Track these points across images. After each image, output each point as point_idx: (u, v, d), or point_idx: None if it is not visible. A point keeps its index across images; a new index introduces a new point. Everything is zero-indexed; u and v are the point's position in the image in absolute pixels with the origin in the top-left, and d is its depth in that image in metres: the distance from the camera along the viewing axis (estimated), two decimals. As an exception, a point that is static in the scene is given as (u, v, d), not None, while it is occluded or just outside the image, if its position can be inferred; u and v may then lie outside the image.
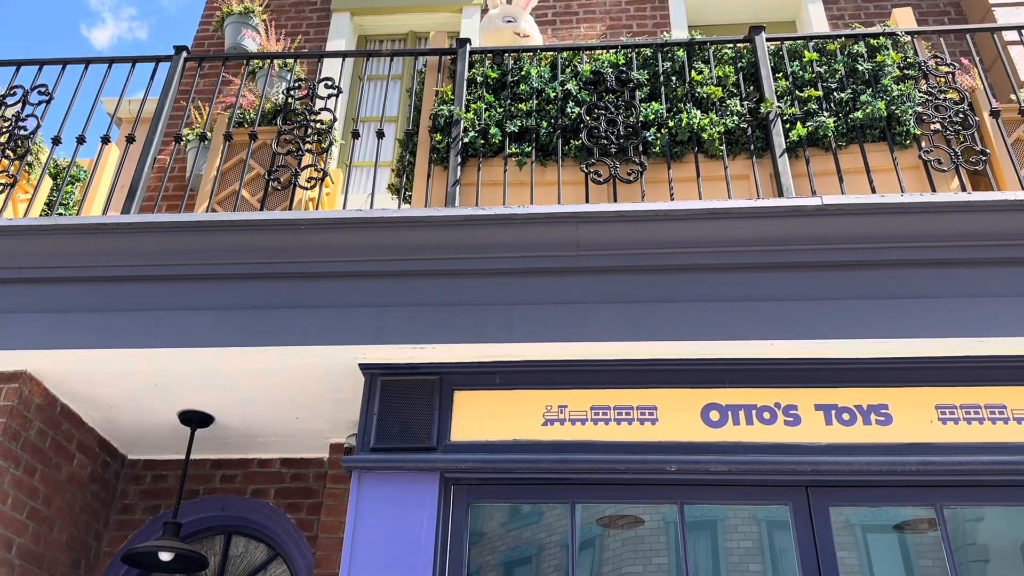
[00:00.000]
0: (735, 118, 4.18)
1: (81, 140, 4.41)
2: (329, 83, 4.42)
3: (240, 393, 4.09)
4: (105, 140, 4.47)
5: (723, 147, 4.09)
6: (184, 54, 4.72)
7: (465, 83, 4.43)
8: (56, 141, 4.43)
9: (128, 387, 4.07)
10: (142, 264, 3.85)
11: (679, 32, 6.65)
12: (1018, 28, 4.31)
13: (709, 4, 7.09)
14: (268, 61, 5.41)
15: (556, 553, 3.55)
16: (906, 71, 4.25)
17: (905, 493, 3.37)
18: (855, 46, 4.39)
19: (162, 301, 3.77)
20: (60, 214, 5.20)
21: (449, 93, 4.46)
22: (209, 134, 4.76)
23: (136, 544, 4.23)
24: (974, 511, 3.48)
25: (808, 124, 4.13)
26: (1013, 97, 4.36)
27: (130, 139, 4.39)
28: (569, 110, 4.29)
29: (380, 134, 4.25)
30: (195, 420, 4.34)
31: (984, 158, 3.87)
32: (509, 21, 5.02)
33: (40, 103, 4.55)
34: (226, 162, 4.60)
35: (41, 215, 4.92)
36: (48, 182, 5.25)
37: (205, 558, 4.22)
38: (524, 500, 3.62)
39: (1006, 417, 3.37)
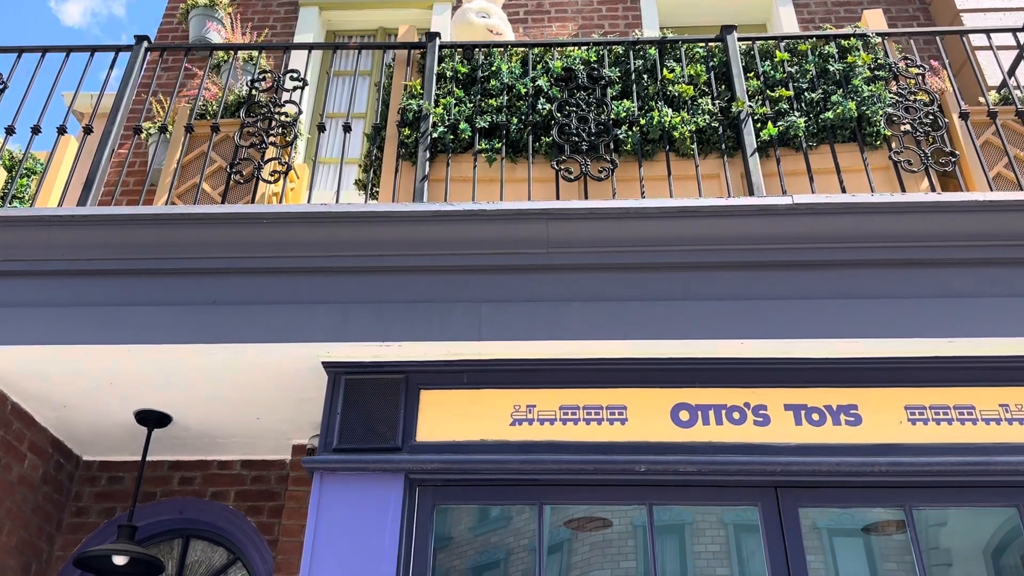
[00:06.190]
0: (707, 117, 4.14)
1: (36, 130, 4.26)
2: (295, 75, 4.32)
3: (199, 392, 3.96)
4: (61, 130, 4.32)
5: (694, 146, 4.06)
6: (146, 44, 4.59)
7: (435, 77, 4.36)
8: (10, 131, 4.27)
9: (82, 385, 3.93)
10: (98, 258, 3.72)
11: (651, 33, 6.62)
12: (986, 32, 4.33)
13: (681, 5, 7.08)
14: (232, 54, 5.31)
15: (524, 557, 3.48)
16: (877, 72, 4.25)
17: (875, 494, 3.35)
18: (826, 47, 4.38)
19: (119, 296, 3.64)
20: (14, 206, 5.03)
21: (418, 87, 4.38)
22: (170, 126, 4.63)
23: (89, 548, 4.09)
24: (938, 516, 3.47)
25: (779, 124, 4.10)
26: (981, 100, 4.38)
27: (87, 130, 4.25)
28: (540, 106, 4.23)
29: (347, 128, 4.16)
30: (152, 420, 4.20)
31: (953, 159, 3.87)
32: (483, 16, 4.94)
33: (-6, 91, 4.40)
34: (187, 155, 4.47)
35: (-6, 208, 4.75)
36: (1, 173, 5.08)
37: (161, 562, 4.09)
38: (491, 501, 3.55)
39: (975, 418, 3.37)
